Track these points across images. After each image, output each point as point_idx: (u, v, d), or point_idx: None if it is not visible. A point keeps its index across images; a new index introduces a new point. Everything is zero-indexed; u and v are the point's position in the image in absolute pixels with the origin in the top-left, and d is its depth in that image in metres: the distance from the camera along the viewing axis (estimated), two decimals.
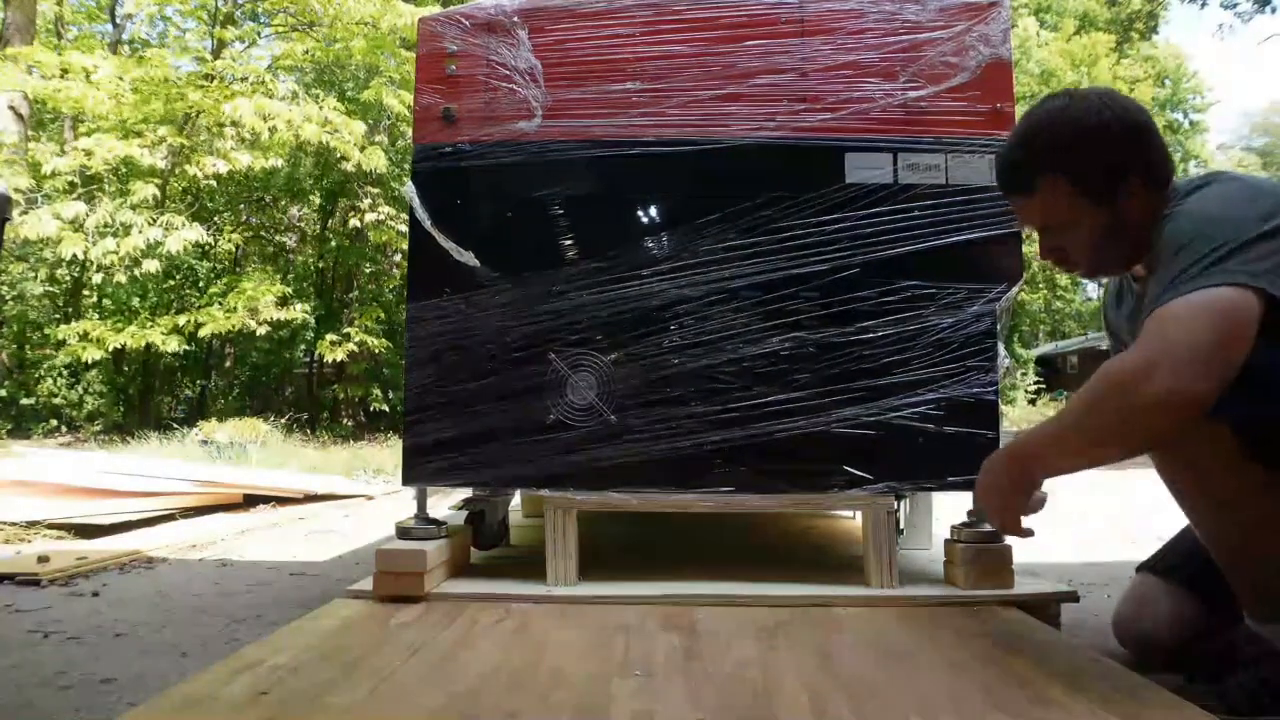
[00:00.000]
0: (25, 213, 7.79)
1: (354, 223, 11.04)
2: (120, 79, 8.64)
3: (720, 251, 1.72)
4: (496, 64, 1.79)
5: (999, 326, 1.70)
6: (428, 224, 1.76)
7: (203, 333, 9.01)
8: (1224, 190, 1.18)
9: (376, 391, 11.38)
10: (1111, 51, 24.29)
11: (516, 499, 2.70)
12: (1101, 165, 1.21)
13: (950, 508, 1.88)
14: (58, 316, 10.74)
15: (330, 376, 12.57)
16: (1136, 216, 1.21)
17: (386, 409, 11.41)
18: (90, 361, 9.29)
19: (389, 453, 7.38)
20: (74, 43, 11.91)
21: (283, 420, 9.32)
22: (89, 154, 8.34)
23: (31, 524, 3.18)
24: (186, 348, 9.37)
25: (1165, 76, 29.65)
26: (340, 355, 10.06)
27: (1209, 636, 1.34)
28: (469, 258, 1.75)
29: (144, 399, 10.85)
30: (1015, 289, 1.72)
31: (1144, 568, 1.51)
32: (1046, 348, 28.81)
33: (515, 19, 1.79)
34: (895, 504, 1.74)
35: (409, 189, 1.77)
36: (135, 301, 10.72)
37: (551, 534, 1.70)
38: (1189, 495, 1.22)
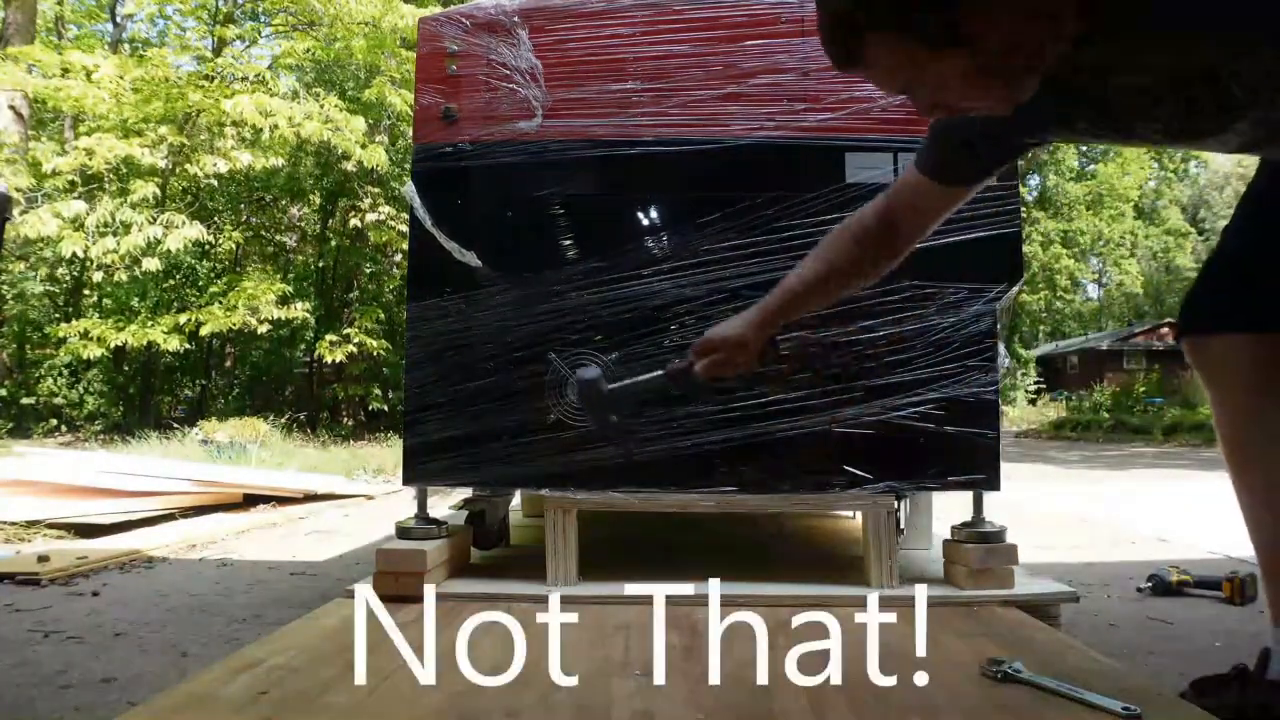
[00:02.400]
0: (25, 212, 7.78)
1: (354, 223, 11.03)
2: (121, 78, 8.63)
3: (720, 251, 1.72)
4: (497, 64, 1.78)
5: (999, 326, 1.70)
6: (428, 224, 1.76)
7: (204, 331, 8.99)
8: None
9: (376, 391, 11.38)
10: None
11: (516, 499, 2.70)
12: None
13: (950, 508, 1.88)
14: (58, 316, 10.74)
15: (330, 376, 12.56)
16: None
17: (386, 409, 11.40)
18: (90, 360, 9.27)
19: (389, 453, 7.37)
20: (74, 42, 11.93)
21: (283, 420, 9.31)
22: (89, 153, 8.33)
23: (31, 524, 3.18)
24: (188, 347, 9.36)
25: None
26: (340, 356, 10.06)
27: None
28: (470, 258, 1.75)
29: (144, 398, 10.84)
30: (1015, 289, 1.72)
31: None
32: (1046, 348, 28.82)
33: (515, 19, 1.79)
34: (895, 504, 1.74)
35: (409, 189, 1.77)
36: (135, 301, 10.70)
37: (551, 534, 1.70)
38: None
